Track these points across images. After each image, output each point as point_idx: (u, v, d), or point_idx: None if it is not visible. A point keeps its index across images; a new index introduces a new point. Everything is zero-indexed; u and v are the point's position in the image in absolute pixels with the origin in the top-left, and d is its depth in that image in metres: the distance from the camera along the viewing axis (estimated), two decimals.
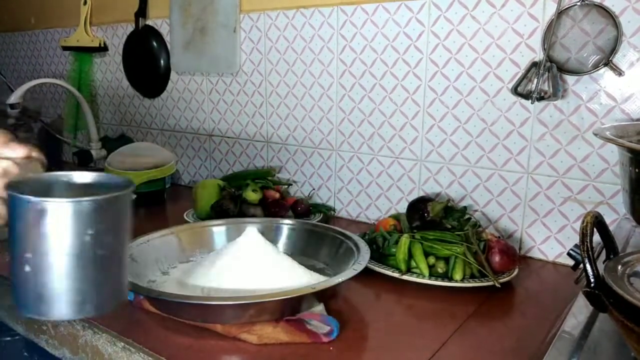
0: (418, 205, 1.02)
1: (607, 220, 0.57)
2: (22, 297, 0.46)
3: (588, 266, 0.48)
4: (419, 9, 1.11)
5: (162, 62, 1.63)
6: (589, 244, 0.49)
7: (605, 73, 0.93)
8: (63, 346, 0.83)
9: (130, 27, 1.70)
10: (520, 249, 1.07)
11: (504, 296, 0.88)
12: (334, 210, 1.33)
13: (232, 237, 0.99)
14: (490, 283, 0.87)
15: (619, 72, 0.91)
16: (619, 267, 0.51)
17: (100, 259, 0.46)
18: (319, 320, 0.73)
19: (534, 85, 0.96)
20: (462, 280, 0.88)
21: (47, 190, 0.49)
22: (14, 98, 1.48)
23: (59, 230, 0.44)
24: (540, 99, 0.96)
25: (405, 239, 0.93)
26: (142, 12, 1.65)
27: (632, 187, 0.71)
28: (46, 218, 0.43)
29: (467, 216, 1.04)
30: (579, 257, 0.63)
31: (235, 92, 1.47)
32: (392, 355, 0.69)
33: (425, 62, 1.12)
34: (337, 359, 0.68)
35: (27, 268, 0.44)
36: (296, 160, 1.38)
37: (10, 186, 0.45)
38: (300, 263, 0.87)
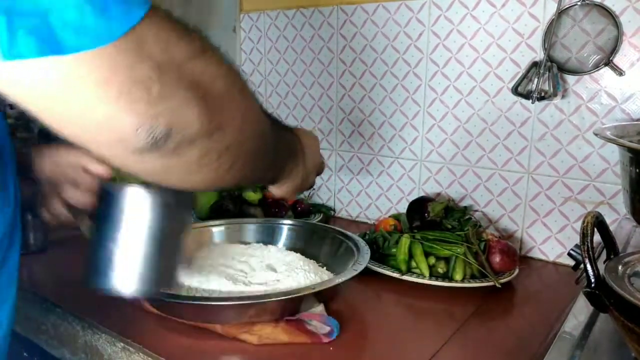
0: (418, 205, 1.02)
1: (608, 220, 0.57)
2: (98, 271, 0.52)
3: (588, 266, 0.48)
4: (419, 9, 1.10)
5: None
6: (589, 244, 0.49)
7: (606, 73, 0.93)
8: (63, 346, 0.83)
9: None
10: (520, 249, 1.07)
11: (505, 296, 0.88)
12: (334, 210, 1.33)
13: (232, 237, 1.00)
14: (491, 283, 0.87)
15: (619, 72, 0.91)
16: (620, 267, 0.51)
17: (165, 245, 0.53)
18: (319, 321, 0.73)
19: (534, 85, 0.96)
20: (462, 281, 0.88)
21: None
22: None
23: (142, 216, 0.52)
24: (541, 98, 0.96)
25: (405, 239, 0.93)
26: None
27: (632, 187, 0.70)
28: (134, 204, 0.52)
29: (467, 216, 1.04)
30: (579, 257, 0.63)
31: None
32: (392, 356, 0.69)
33: (425, 62, 1.12)
34: (337, 359, 0.68)
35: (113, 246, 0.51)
36: None
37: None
38: None
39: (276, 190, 0.63)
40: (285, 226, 1.02)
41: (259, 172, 0.51)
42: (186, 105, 0.35)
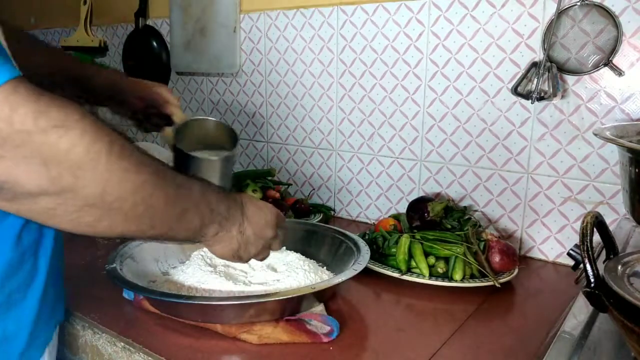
0: (418, 205, 1.02)
1: (607, 220, 0.58)
2: None
3: (588, 266, 0.48)
4: (419, 9, 1.10)
5: (162, 62, 1.63)
6: (589, 244, 0.49)
7: (605, 73, 0.93)
8: (63, 346, 0.83)
9: (130, 27, 1.70)
10: (520, 249, 1.07)
11: (504, 296, 0.88)
12: (334, 210, 1.33)
13: None
14: (490, 283, 0.87)
15: (619, 72, 0.91)
16: (619, 267, 0.51)
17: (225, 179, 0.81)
18: (319, 320, 0.73)
19: (534, 85, 0.96)
20: (462, 281, 0.88)
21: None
22: None
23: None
24: (540, 99, 0.96)
25: (405, 239, 0.93)
26: (142, 12, 1.65)
27: (632, 187, 0.71)
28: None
29: (467, 216, 1.04)
30: (579, 257, 0.63)
31: (235, 92, 1.47)
32: (392, 355, 0.69)
33: (425, 62, 1.12)
34: (337, 359, 0.68)
35: None
36: (296, 160, 1.38)
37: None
38: None
39: (210, 250, 0.64)
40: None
41: (156, 229, 0.52)
42: (23, 168, 0.40)
